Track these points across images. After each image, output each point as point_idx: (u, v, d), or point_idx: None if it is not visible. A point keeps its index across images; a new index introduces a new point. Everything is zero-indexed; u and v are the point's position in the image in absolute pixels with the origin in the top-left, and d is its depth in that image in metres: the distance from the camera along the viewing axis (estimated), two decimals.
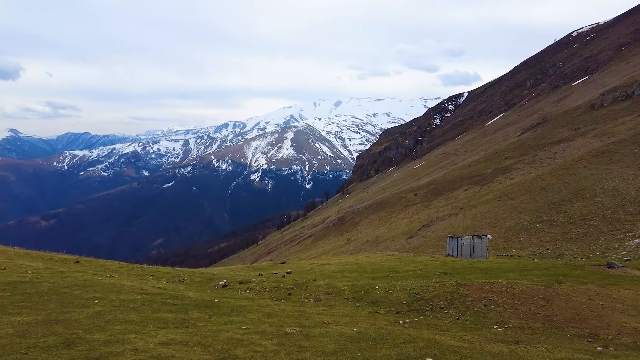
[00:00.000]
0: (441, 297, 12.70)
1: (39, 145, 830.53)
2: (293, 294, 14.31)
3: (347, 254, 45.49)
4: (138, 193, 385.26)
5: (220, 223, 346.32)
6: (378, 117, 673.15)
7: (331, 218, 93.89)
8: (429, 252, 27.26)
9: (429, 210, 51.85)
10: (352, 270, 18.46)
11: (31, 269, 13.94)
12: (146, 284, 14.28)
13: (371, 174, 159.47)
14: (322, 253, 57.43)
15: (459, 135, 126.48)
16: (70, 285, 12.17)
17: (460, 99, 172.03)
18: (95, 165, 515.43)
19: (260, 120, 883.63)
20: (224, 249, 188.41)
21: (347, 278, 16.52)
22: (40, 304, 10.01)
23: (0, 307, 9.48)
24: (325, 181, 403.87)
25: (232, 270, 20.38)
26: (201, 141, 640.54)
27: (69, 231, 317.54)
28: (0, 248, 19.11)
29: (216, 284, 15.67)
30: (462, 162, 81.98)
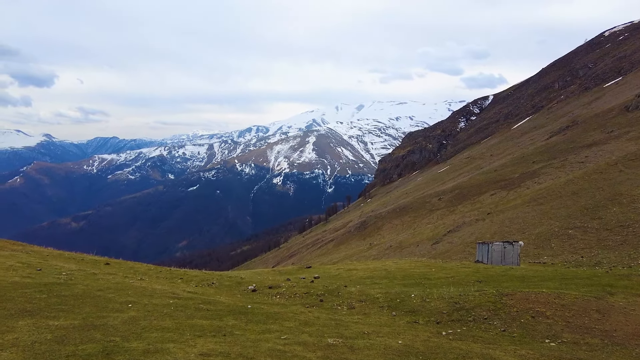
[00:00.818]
0: (483, 306, 12.22)
1: (70, 149, 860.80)
2: (325, 300, 14.05)
3: (370, 259, 45.00)
4: (164, 196, 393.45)
5: (243, 226, 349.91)
6: (401, 120, 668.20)
7: (353, 222, 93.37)
8: (456, 259, 26.58)
9: (454, 216, 50.82)
10: (382, 276, 18.02)
11: (65, 271, 14.11)
12: (177, 287, 14.23)
13: (394, 178, 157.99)
14: (344, 257, 57.08)
15: (484, 138, 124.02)
16: (104, 288, 12.18)
17: (485, 102, 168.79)
18: (122, 169, 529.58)
19: (282, 124, 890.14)
20: (247, 251, 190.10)
21: (378, 285, 16.10)
22: (76, 307, 9.99)
23: (38, 309, 9.48)
24: (347, 185, 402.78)
25: (259, 274, 20.28)
26: (225, 145, 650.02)
27: (97, 232, 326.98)
28: (35, 248, 19.71)
29: (245, 288, 15.57)
30: (488, 166, 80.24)
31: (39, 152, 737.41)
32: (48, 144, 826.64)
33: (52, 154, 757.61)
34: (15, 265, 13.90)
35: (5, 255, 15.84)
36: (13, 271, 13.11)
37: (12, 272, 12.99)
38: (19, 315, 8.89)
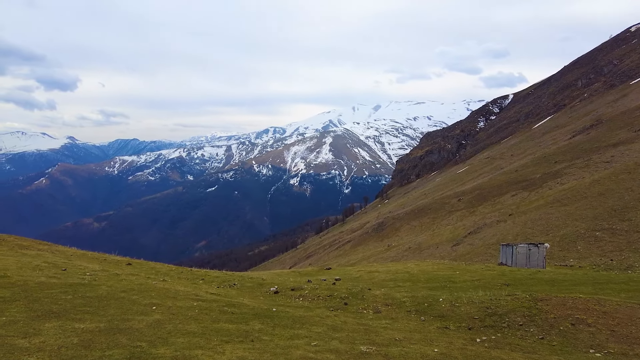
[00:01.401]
0: (517, 312, 11.75)
1: (92, 151, 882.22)
2: (349, 303, 13.79)
3: (388, 260, 44.58)
4: (183, 197, 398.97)
5: (261, 226, 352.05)
6: (419, 120, 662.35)
7: (370, 223, 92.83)
8: (478, 261, 26.01)
9: (475, 217, 49.97)
10: (405, 279, 17.64)
11: (89, 271, 14.22)
12: (199, 289, 14.09)
13: (412, 178, 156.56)
14: (361, 259, 56.75)
15: (504, 138, 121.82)
16: (127, 289, 12.15)
17: (505, 101, 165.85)
18: (142, 170, 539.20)
19: (299, 125, 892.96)
20: (264, 252, 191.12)
21: (402, 288, 15.76)
22: (100, 309, 9.94)
23: (64, 311, 9.45)
24: (364, 186, 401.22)
25: (280, 275, 20.16)
26: (243, 147, 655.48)
27: (118, 233, 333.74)
28: (59, 248, 20.10)
29: (267, 289, 15.45)
30: (509, 166, 78.76)
31: (63, 154, 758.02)
32: (71, 146, 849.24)
33: (75, 156, 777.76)
34: (42, 265, 14.03)
35: (32, 255, 16.02)
36: (39, 271, 13.22)
37: (38, 272, 13.09)
38: (46, 317, 8.88)
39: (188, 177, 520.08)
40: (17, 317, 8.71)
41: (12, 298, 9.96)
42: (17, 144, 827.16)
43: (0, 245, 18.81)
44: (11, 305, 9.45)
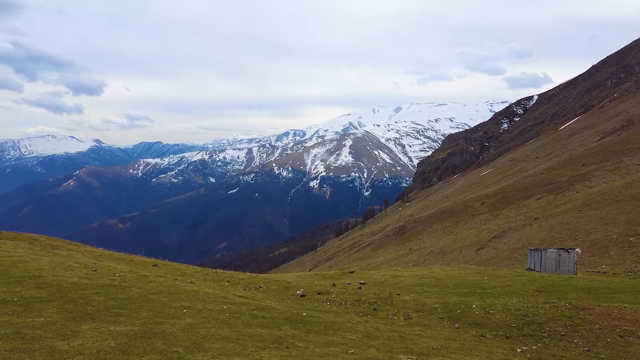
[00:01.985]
0: (557, 321, 11.21)
1: (117, 154, 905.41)
2: (378, 309, 13.52)
3: (410, 264, 44.08)
4: (205, 199, 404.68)
5: (280, 228, 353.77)
6: (440, 122, 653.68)
7: (391, 226, 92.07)
8: (504, 265, 25.39)
9: (499, 220, 48.93)
10: (432, 284, 17.28)
11: (118, 272, 14.40)
12: (226, 291, 14.26)
13: (433, 181, 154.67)
14: (382, 262, 56.30)
15: (529, 140, 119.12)
16: (157, 291, 12.22)
17: (529, 102, 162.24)
18: (166, 172, 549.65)
19: (319, 128, 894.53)
20: (284, 254, 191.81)
21: (430, 293, 15.38)
22: (133, 311, 10.00)
23: (98, 312, 9.52)
24: (384, 188, 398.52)
25: (303, 277, 20.08)
26: (263, 149, 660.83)
27: (142, 233, 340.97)
28: (87, 248, 20.66)
29: (293, 293, 15.33)
30: (533, 169, 76.94)
31: (89, 157, 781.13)
32: (98, 149, 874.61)
33: (101, 159, 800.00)
34: (73, 266, 14.27)
35: (63, 255, 16.40)
36: (71, 271, 13.44)
37: (70, 272, 13.31)
38: (81, 319, 8.98)
39: (210, 180, 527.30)
40: (55, 317, 8.84)
41: (49, 298, 10.16)
42: (48, 147, 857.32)
43: (33, 245, 19.50)
44: (48, 306, 9.60)
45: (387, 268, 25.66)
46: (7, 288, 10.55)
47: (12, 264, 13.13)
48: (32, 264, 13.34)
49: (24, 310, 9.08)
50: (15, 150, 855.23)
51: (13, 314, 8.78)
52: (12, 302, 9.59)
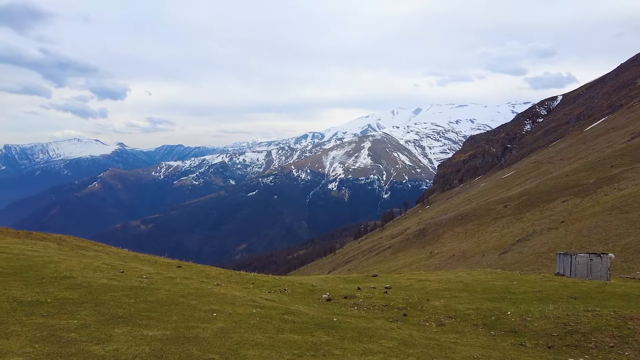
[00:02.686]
0: (604, 331, 10.62)
1: (140, 156, 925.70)
2: (408, 315, 13.18)
3: (431, 268, 43.54)
4: (225, 201, 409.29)
5: (299, 230, 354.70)
6: (461, 124, 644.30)
7: (411, 229, 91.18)
8: (529, 270, 24.77)
9: (522, 224, 47.88)
10: (459, 289, 16.90)
11: (145, 274, 14.51)
12: (252, 293, 14.24)
13: (454, 183, 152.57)
14: (403, 266, 55.77)
15: (553, 142, 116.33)
16: (185, 294, 12.18)
17: (553, 102, 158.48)
18: (187, 175, 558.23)
19: (338, 130, 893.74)
20: (303, 256, 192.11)
21: (459, 298, 15.02)
22: (164, 314, 9.92)
23: (129, 315, 9.49)
24: (404, 191, 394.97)
25: (326, 280, 19.94)
26: (282, 152, 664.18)
27: (164, 235, 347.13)
28: (113, 249, 21.14)
29: (319, 296, 15.05)
30: (558, 171, 75.07)
31: (113, 160, 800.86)
32: (121, 152, 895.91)
33: (124, 161, 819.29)
34: (102, 267, 14.43)
35: (90, 256, 16.75)
36: (100, 272, 13.59)
37: (99, 273, 13.46)
38: (114, 321, 8.98)
39: (230, 182, 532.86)
40: (88, 320, 8.88)
41: (80, 300, 10.26)
42: (74, 150, 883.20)
43: (62, 245, 20.08)
44: (80, 307, 9.67)
45: (410, 272, 25.11)
46: (41, 289, 10.75)
47: (43, 264, 13.37)
48: (63, 265, 13.59)
49: (57, 312, 9.18)
50: (44, 154, 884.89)
51: (48, 316, 8.87)
52: (46, 303, 9.72)
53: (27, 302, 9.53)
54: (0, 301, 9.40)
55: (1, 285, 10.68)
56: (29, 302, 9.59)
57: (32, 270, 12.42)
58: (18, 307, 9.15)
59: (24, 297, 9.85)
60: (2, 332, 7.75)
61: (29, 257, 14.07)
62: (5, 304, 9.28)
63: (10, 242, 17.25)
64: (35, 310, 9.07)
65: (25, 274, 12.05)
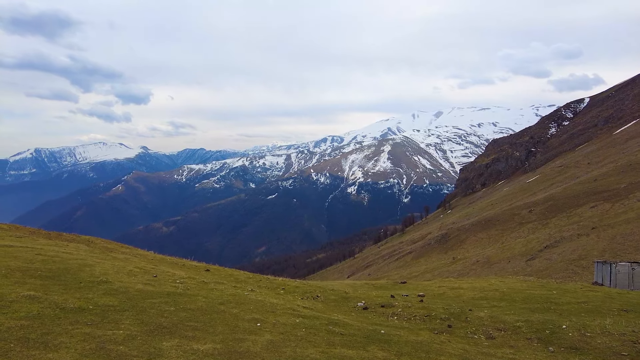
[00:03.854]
0: None
1: (162, 160, 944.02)
2: (453, 326, 12.46)
3: (454, 274, 42.74)
4: (245, 204, 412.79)
5: (318, 234, 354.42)
6: (483, 127, 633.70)
7: (433, 234, 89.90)
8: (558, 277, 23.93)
9: (549, 229, 46.55)
10: (497, 297, 16.14)
11: (177, 278, 14.29)
12: (286, 300, 13.91)
13: (477, 188, 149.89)
14: (425, 271, 54.95)
15: (579, 145, 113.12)
16: (224, 301, 11.87)
17: (580, 105, 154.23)
18: (208, 178, 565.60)
19: (357, 134, 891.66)
20: (321, 259, 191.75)
21: (500, 308, 14.36)
22: (208, 325, 9.55)
23: (173, 326, 9.12)
24: (424, 195, 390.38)
25: (354, 287, 19.52)
26: (301, 155, 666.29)
27: (185, 237, 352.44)
28: (140, 252, 21.37)
29: (354, 304, 14.49)
30: (585, 175, 72.87)
31: (137, 163, 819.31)
32: (144, 155, 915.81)
33: (147, 164, 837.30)
34: (134, 271, 14.25)
35: (121, 259, 16.87)
36: (134, 277, 13.40)
37: (133, 277, 13.30)
38: (159, 333, 8.64)
39: (250, 185, 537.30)
40: (133, 330, 8.58)
41: (121, 307, 10.04)
42: (99, 154, 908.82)
43: (91, 247, 20.50)
44: (123, 316, 9.41)
45: (440, 279, 24.26)
46: (80, 294, 10.61)
47: (79, 267, 13.38)
48: (97, 268, 13.55)
49: (101, 320, 8.95)
50: (71, 157, 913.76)
51: (92, 325, 8.62)
52: (88, 310, 9.50)
53: (69, 309, 9.32)
54: (43, 307, 9.20)
55: (42, 289, 10.54)
56: (72, 309, 9.37)
57: (69, 274, 12.42)
58: (62, 315, 8.93)
59: (66, 303, 9.65)
60: (51, 343, 7.47)
61: (64, 260, 14.12)
62: (48, 311, 9.05)
63: (44, 243, 17.69)
64: (79, 318, 8.86)
65: (63, 277, 12.02)
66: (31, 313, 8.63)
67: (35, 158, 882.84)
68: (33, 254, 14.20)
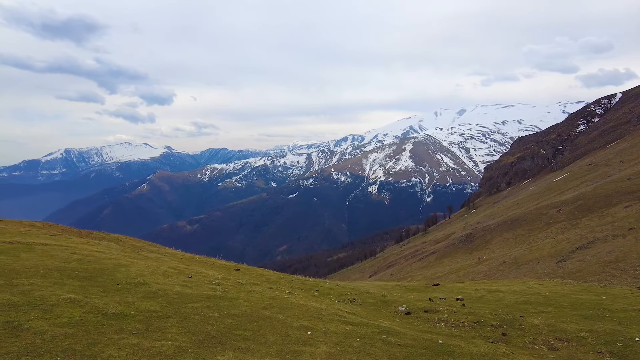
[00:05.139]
0: None
1: (186, 159, 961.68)
2: (508, 334, 11.52)
3: (480, 275, 41.86)
4: (266, 203, 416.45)
5: (338, 233, 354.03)
6: (508, 125, 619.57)
7: (457, 234, 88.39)
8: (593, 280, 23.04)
9: (579, 230, 45.04)
10: (541, 302, 15.11)
11: (212, 279, 13.96)
12: (326, 303, 13.41)
13: (502, 187, 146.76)
14: (449, 272, 54.05)
15: (610, 143, 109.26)
16: (266, 305, 11.45)
17: (611, 101, 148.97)
18: (231, 177, 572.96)
19: (378, 132, 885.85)
20: (342, 259, 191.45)
21: (549, 314, 13.50)
22: (258, 334, 9.06)
23: (222, 335, 8.62)
24: (447, 194, 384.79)
25: (386, 288, 18.98)
26: (322, 155, 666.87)
27: (208, 235, 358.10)
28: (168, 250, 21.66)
29: (395, 309, 13.84)
30: (618, 174, 70.31)
31: (161, 163, 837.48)
32: (168, 155, 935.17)
33: (171, 164, 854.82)
34: (169, 271, 13.94)
35: (153, 259, 16.97)
36: (169, 278, 13.06)
37: (169, 279, 12.95)
38: (209, 343, 8.15)
39: (271, 184, 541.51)
40: (181, 341, 8.04)
41: (164, 313, 9.56)
42: (125, 154, 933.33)
43: (120, 245, 20.94)
44: (167, 323, 8.93)
45: (474, 281, 23.03)
46: (120, 297, 10.27)
47: (113, 267, 13.27)
48: (132, 269, 13.39)
49: (146, 329, 8.45)
50: (98, 157, 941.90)
51: (138, 334, 8.12)
52: (130, 316, 9.07)
53: (112, 315, 8.91)
54: (85, 312, 8.80)
55: (81, 291, 10.31)
56: (114, 314, 8.97)
57: (105, 275, 12.30)
58: (105, 321, 8.51)
59: (107, 308, 9.26)
60: (99, 356, 6.96)
61: (98, 259, 14.11)
62: (91, 316, 8.65)
63: (76, 241, 18.12)
64: (123, 326, 8.38)
65: (100, 278, 11.88)
66: (74, 319, 8.33)
67: (65, 158, 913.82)
68: (68, 253, 14.38)
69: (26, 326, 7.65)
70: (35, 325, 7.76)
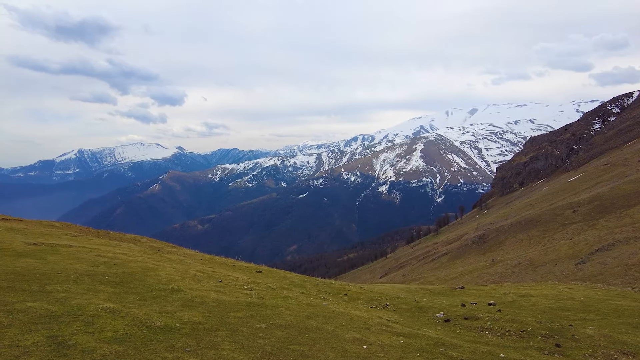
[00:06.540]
0: None
1: (197, 159, 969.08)
2: (562, 345, 10.77)
3: (495, 276, 41.43)
4: (276, 203, 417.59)
5: (349, 233, 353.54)
6: (520, 124, 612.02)
7: (469, 235, 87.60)
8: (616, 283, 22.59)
9: (597, 231, 44.34)
10: (578, 308, 14.38)
11: (242, 283, 13.55)
12: (366, 310, 12.95)
13: (514, 187, 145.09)
14: (463, 273, 53.59)
15: (628, 142, 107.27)
16: (310, 314, 10.93)
17: (628, 99, 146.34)
18: (241, 177, 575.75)
19: (388, 132, 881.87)
20: (353, 259, 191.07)
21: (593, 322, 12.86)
22: (314, 349, 8.47)
23: (278, 351, 8.05)
24: (459, 194, 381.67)
25: (410, 292, 18.44)
26: (332, 155, 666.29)
27: (219, 234, 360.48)
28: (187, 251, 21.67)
29: (432, 315, 13.26)
30: (636, 174, 69.04)
31: (173, 162, 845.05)
32: (180, 155, 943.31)
33: (183, 164, 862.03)
34: (198, 275, 13.46)
35: (175, 260, 16.76)
36: (200, 283, 12.58)
37: (200, 284, 12.42)
38: None
39: (281, 184, 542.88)
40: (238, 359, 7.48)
41: (210, 325, 8.98)
42: (137, 154, 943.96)
43: (138, 245, 21.15)
44: (216, 337, 8.34)
45: (498, 285, 21.98)
46: (159, 307, 9.67)
47: (142, 271, 12.92)
48: (161, 273, 13.00)
49: (197, 345, 7.78)
50: (111, 157, 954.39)
51: (191, 352, 7.41)
52: (176, 329, 8.43)
53: (157, 328, 8.29)
54: (128, 325, 8.17)
55: (117, 299, 9.81)
56: (159, 327, 8.35)
57: (135, 280, 11.91)
58: (152, 336, 7.89)
59: (150, 320, 8.64)
60: None
61: (124, 262, 13.84)
62: (135, 330, 8.02)
63: (97, 243, 18.31)
64: (173, 342, 7.73)
65: (131, 283, 11.48)
66: (118, 333, 7.75)
67: (78, 158, 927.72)
68: (93, 256, 14.30)
69: (72, 342, 7.02)
70: (81, 341, 7.13)
